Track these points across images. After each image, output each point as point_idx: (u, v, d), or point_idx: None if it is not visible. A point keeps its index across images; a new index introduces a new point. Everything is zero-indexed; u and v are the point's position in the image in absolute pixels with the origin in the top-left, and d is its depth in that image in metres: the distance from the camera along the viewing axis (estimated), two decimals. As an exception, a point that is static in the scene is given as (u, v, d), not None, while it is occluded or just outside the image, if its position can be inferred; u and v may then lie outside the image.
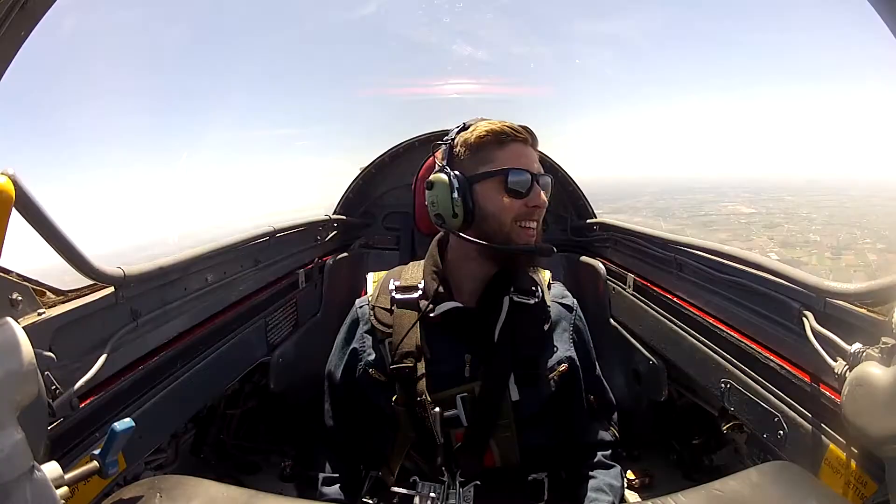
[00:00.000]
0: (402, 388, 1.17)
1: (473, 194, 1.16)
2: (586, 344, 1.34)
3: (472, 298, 1.22)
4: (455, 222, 1.17)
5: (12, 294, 0.82)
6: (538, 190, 1.15)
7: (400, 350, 1.17)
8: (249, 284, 1.63)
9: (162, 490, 0.78)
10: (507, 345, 1.16)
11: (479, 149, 1.17)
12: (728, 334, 1.31)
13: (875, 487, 0.84)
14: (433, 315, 1.18)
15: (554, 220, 2.57)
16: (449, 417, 1.13)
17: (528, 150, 1.19)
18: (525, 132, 1.18)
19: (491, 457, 1.17)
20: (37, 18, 0.74)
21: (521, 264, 1.22)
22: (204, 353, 1.34)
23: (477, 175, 1.16)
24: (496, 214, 1.15)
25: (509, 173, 1.13)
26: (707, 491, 0.83)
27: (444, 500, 1.14)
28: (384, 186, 2.60)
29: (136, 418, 0.75)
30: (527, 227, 1.16)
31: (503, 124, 1.17)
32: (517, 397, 1.15)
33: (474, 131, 1.19)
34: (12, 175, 0.72)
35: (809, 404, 1.03)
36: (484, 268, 1.23)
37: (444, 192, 1.16)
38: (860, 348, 0.88)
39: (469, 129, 1.21)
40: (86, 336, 0.97)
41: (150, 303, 1.16)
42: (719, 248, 1.39)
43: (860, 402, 0.82)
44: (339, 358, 1.33)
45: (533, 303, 1.22)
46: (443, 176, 1.17)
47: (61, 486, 0.65)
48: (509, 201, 1.14)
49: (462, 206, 1.15)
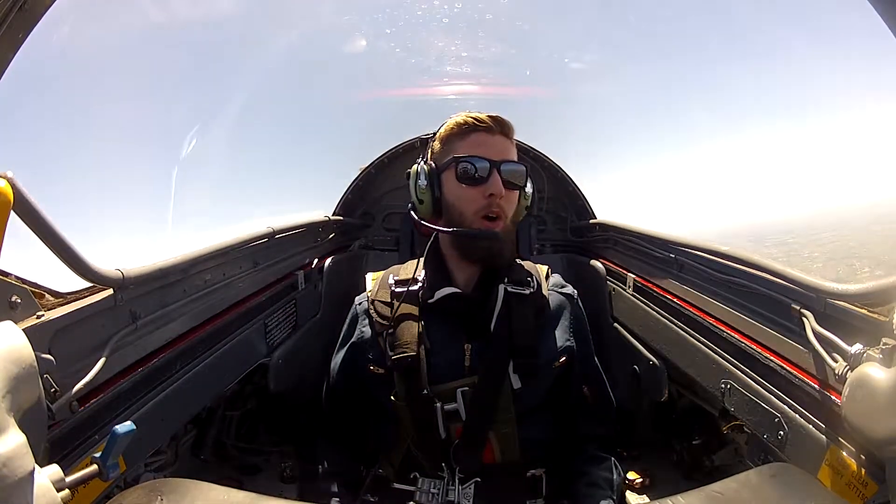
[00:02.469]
0: (401, 382, 1.17)
1: (441, 185, 1.20)
2: (585, 333, 1.34)
3: (469, 286, 1.23)
4: (423, 209, 1.22)
5: (11, 296, 0.82)
6: (496, 178, 1.16)
7: (399, 342, 1.17)
8: (249, 285, 1.63)
9: (162, 493, 0.78)
10: (503, 334, 1.16)
11: (447, 141, 1.23)
12: (728, 334, 1.31)
13: (876, 488, 0.84)
14: (432, 301, 1.20)
15: (554, 220, 2.57)
16: (449, 411, 1.14)
17: (491, 138, 1.20)
18: (490, 121, 1.20)
19: (490, 452, 1.17)
20: (36, 20, 0.74)
21: (479, 253, 1.22)
22: (203, 354, 1.34)
23: (442, 165, 1.21)
24: (455, 203, 1.19)
25: (460, 161, 1.16)
26: (707, 492, 0.83)
27: (444, 497, 1.14)
28: (384, 187, 2.60)
29: (135, 420, 0.75)
30: (486, 216, 1.18)
31: (469, 115, 1.21)
32: (519, 385, 1.15)
33: (445, 125, 1.25)
34: (11, 178, 0.72)
35: (810, 405, 1.03)
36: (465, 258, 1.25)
37: (414, 181, 1.23)
38: (861, 349, 0.89)
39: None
40: (85, 338, 0.97)
41: (150, 304, 1.16)
42: (719, 249, 1.39)
43: (861, 403, 0.82)
44: (339, 353, 1.34)
45: (528, 293, 1.22)
46: (415, 166, 1.24)
47: (62, 489, 0.65)
48: (468, 190, 1.17)
49: (428, 194, 1.20)
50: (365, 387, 1.29)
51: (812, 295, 1.06)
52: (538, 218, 2.52)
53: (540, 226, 2.54)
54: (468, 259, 1.23)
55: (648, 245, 1.79)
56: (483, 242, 1.18)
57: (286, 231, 1.91)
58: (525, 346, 1.17)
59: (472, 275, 1.25)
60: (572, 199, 2.51)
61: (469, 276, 1.25)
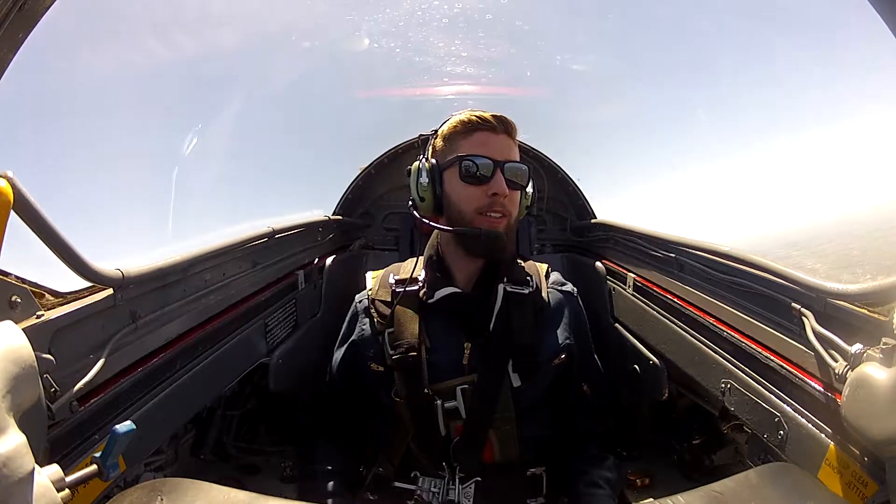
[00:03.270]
0: (401, 380, 1.17)
1: (443, 182, 1.20)
2: (585, 331, 1.34)
3: (468, 286, 1.24)
4: (424, 207, 1.22)
5: (11, 296, 0.82)
6: (500, 177, 1.16)
7: (400, 341, 1.17)
8: (249, 285, 1.63)
9: (162, 493, 0.78)
10: (503, 333, 1.17)
11: (450, 138, 1.22)
12: (728, 334, 1.31)
13: (876, 488, 0.84)
14: (432, 301, 1.20)
15: (554, 220, 2.58)
16: (448, 409, 1.14)
17: (495, 137, 1.20)
18: (494, 120, 1.20)
19: (490, 451, 1.18)
20: (35, 20, 0.74)
21: (482, 251, 1.22)
22: (203, 354, 1.34)
23: (445, 163, 1.20)
24: (457, 202, 1.19)
25: (464, 159, 1.16)
26: (707, 492, 0.83)
27: (445, 496, 1.14)
28: (383, 187, 2.60)
29: (135, 420, 0.75)
30: (488, 216, 1.18)
31: (473, 113, 1.20)
32: (518, 383, 1.15)
33: (448, 122, 1.24)
34: (11, 178, 0.72)
35: (810, 405, 1.03)
36: (467, 255, 1.25)
37: (415, 178, 1.22)
38: (861, 349, 0.88)
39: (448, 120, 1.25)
40: (85, 338, 0.97)
41: (150, 304, 1.16)
42: (719, 248, 1.39)
43: (861, 403, 0.82)
44: (339, 352, 1.34)
45: (527, 292, 1.22)
46: (416, 163, 1.23)
47: (62, 489, 0.65)
48: (470, 189, 1.17)
49: (430, 191, 1.20)
50: (365, 384, 1.29)
51: (812, 295, 1.05)
52: (538, 218, 2.52)
53: (540, 226, 2.55)
54: (471, 254, 1.23)
55: (648, 245, 1.78)
56: (486, 241, 1.18)
57: (286, 231, 1.91)
58: (524, 344, 1.17)
59: (473, 273, 1.25)
60: (572, 198, 2.51)
61: (469, 275, 1.25)
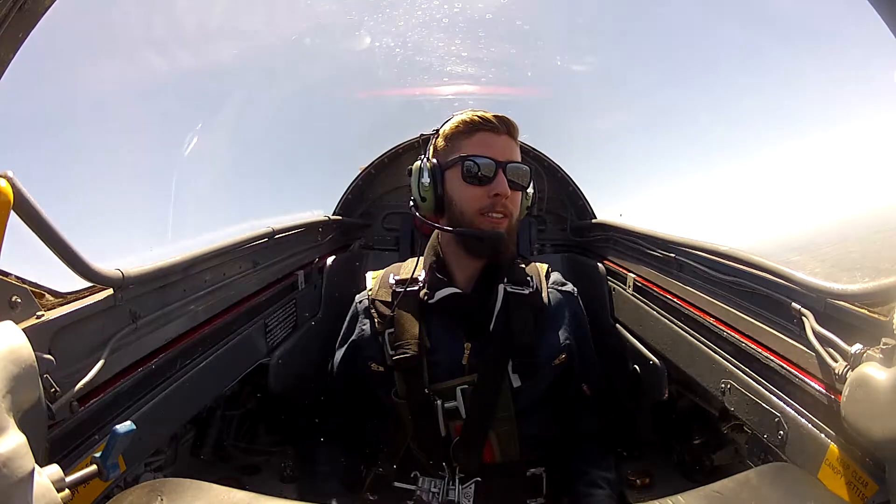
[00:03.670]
0: (401, 380, 1.18)
1: (444, 182, 1.20)
2: (585, 331, 1.35)
3: (469, 286, 1.23)
4: (425, 207, 1.22)
5: (11, 297, 0.82)
6: (502, 178, 1.16)
7: (400, 341, 1.17)
8: (249, 285, 1.63)
9: (162, 493, 0.78)
10: (503, 334, 1.17)
11: (452, 138, 1.22)
12: (728, 334, 1.31)
13: (876, 488, 0.84)
14: (432, 302, 1.20)
15: (554, 220, 2.58)
16: (449, 409, 1.14)
17: (497, 138, 1.20)
18: (496, 121, 1.20)
19: (490, 451, 1.18)
20: (36, 20, 0.74)
21: (485, 252, 1.22)
22: (203, 354, 1.34)
23: (447, 163, 1.20)
24: (459, 202, 1.19)
25: (466, 160, 1.15)
26: (707, 492, 0.83)
27: (445, 496, 1.14)
28: (383, 187, 2.60)
29: (135, 420, 0.75)
30: (490, 216, 1.18)
31: (475, 113, 1.20)
32: (518, 383, 1.15)
33: (450, 122, 1.24)
34: (11, 177, 0.72)
35: (810, 405, 1.03)
36: (468, 256, 1.25)
37: (416, 178, 1.22)
38: (861, 349, 0.88)
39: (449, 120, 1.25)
40: (85, 338, 0.97)
41: (150, 304, 1.16)
42: (719, 249, 1.39)
43: (861, 403, 0.82)
44: (339, 352, 1.35)
45: (527, 293, 1.22)
46: (418, 163, 1.23)
47: (62, 489, 0.65)
48: (472, 189, 1.17)
49: (431, 191, 1.19)
50: (365, 384, 1.30)
51: (812, 295, 1.05)
52: (538, 218, 2.52)
53: (540, 226, 2.55)
54: (472, 255, 1.23)
55: (648, 245, 1.78)
56: (488, 242, 1.18)
57: (286, 231, 1.91)
58: (524, 345, 1.17)
59: (473, 274, 1.25)
60: (572, 199, 2.51)
61: (469, 276, 1.25)
